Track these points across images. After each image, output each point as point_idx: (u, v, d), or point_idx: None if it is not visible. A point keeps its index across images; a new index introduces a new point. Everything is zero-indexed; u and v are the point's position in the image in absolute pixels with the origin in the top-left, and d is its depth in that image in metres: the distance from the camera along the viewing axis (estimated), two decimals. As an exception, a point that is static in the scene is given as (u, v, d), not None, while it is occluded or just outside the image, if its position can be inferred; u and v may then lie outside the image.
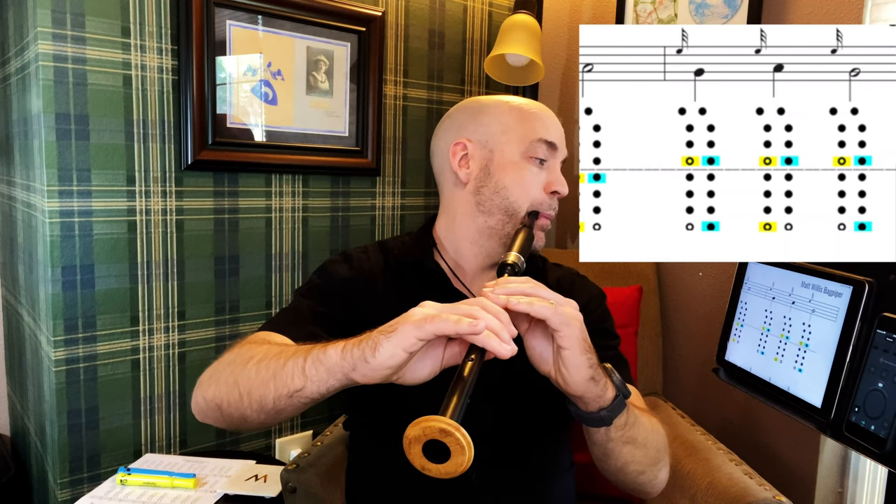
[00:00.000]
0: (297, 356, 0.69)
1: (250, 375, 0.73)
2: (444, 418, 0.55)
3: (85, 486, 1.31)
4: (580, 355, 0.69)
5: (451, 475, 0.56)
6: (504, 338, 0.61)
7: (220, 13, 1.38)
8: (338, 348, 0.66)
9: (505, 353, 0.60)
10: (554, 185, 0.92)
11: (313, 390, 0.67)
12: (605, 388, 0.73)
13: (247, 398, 0.73)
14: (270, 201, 1.52)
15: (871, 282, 0.72)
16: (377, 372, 0.62)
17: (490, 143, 0.94)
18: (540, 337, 0.72)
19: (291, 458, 1.11)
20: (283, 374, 0.69)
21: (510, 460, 0.89)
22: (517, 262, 0.78)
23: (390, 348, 0.61)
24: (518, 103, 0.96)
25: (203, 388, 0.79)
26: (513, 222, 0.92)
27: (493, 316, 0.62)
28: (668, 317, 1.68)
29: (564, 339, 0.68)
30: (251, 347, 0.78)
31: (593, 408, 0.73)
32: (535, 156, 0.92)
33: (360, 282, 0.93)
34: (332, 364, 0.65)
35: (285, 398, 0.69)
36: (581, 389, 0.70)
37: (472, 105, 0.98)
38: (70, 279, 1.26)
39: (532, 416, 0.91)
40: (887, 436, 0.66)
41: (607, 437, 0.76)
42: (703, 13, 1.53)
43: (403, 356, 0.61)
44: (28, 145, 1.33)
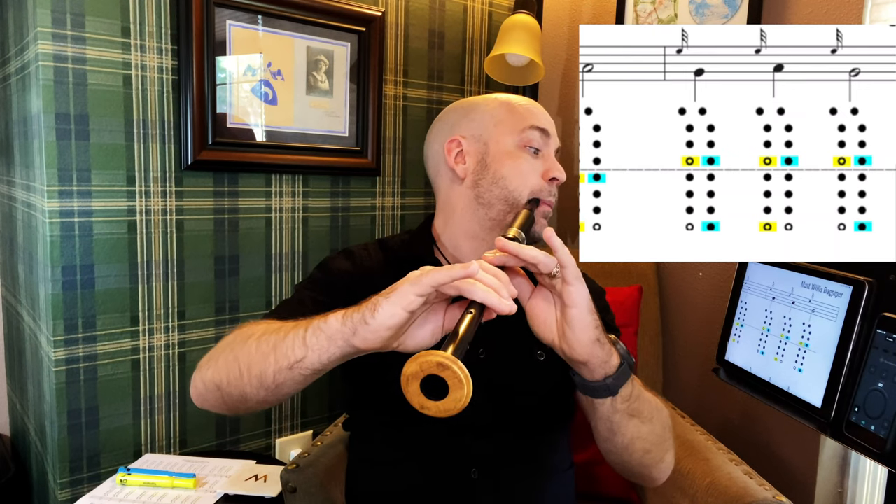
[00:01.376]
0: (298, 328, 0.69)
1: (251, 351, 0.72)
2: (441, 353, 0.54)
3: (85, 486, 1.31)
4: (587, 315, 0.69)
5: (449, 413, 0.55)
6: (503, 294, 0.61)
7: (220, 13, 1.38)
8: (338, 315, 0.66)
9: (504, 308, 0.60)
10: (552, 171, 0.93)
11: (314, 360, 0.67)
12: (611, 354, 0.73)
13: (247, 374, 0.72)
14: (270, 201, 1.52)
15: (871, 282, 0.72)
16: (377, 334, 0.62)
17: (484, 135, 0.94)
18: (543, 302, 0.72)
19: (291, 458, 1.11)
20: (283, 346, 0.69)
21: (510, 458, 0.89)
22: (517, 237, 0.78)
23: (389, 308, 0.60)
24: (506, 97, 0.98)
25: (202, 370, 0.79)
26: (514, 212, 0.92)
27: (492, 276, 0.62)
28: (668, 317, 1.68)
29: (571, 295, 0.68)
30: (251, 327, 0.78)
31: (598, 375, 0.73)
32: (529, 144, 0.93)
33: (361, 278, 0.93)
34: (333, 331, 0.65)
35: (285, 370, 0.68)
36: (587, 353, 0.70)
37: (461, 105, 1.00)
38: (70, 279, 1.26)
39: (532, 414, 0.91)
40: (887, 436, 0.66)
41: (613, 408, 0.76)
42: (703, 13, 1.53)
43: (403, 315, 0.61)
44: (28, 145, 1.33)
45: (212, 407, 0.80)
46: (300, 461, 1.07)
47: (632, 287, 1.55)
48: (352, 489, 0.99)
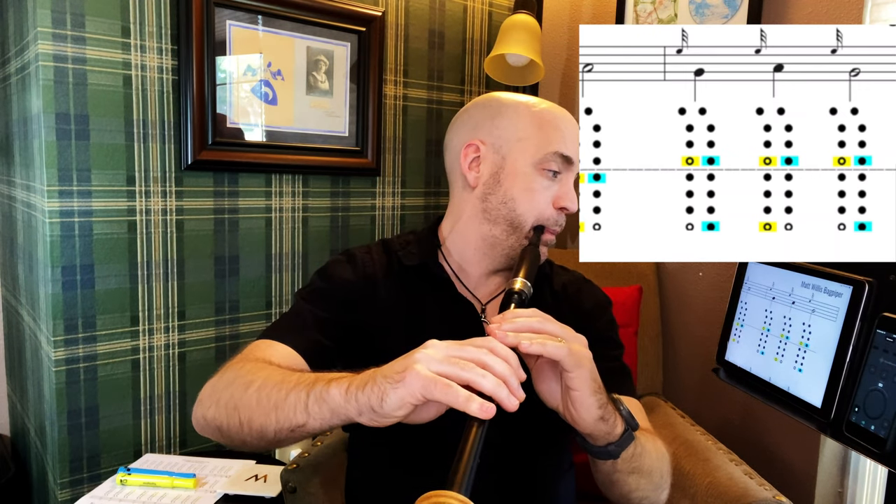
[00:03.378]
0: (299, 389, 0.68)
1: (251, 404, 0.72)
2: (454, 493, 0.54)
3: (85, 486, 1.31)
4: (590, 396, 0.68)
5: None
6: (513, 386, 0.60)
7: (220, 13, 1.38)
8: (341, 389, 0.64)
9: (512, 406, 0.59)
10: (563, 200, 0.88)
11: (315, 427, 0.67)
12: (615, 425, 0.72)
13: (247, 426, 0.72)
14: (270, 201, 1.52)
15: (871, 282, 0.72)
16: (386, 420, 0.62)
17: (504, 148, 0.90)
18: (548, 372, 0.71)
19: (291, 458, 1.11)
20: (284, 408, 0.68)
21: (510, 461, 0.89)
22: (524, 290, 0.76)
23: (397, 400, 0.60)
24: (539, 109, 0.90)
25: (203, 407, 0.78)
26: (516, 235, 0.89)
27: (503, 360, 0.61)
28: (668, 317, 1.68)
29: (574, 381, 0.67)
30: (252, 369, 0.76)
31: (601, 443, 0.73)
32: (548, 168, 0.88)
33: (363, 285, 0.92)
34: (336, 405, 0.64)
35: (286, 431, 0.69)
36: (590, 428, 0.70)
37: (490, 104, 0.93)
38: (70, 279, 1.26)
39: (532, 419, 0.91)
40: (887, 436, 0.66)
41: (613, 468, 0.76)
42: (703, 13, 1.53)
43: (410, 407, 0.60)
44: (28, 145, 1.33)
45: (213, 439, 0.80)
46: (300, 461, 1.07)
47: (632, 287, 1.55)
48: (351, 489, 0.99)
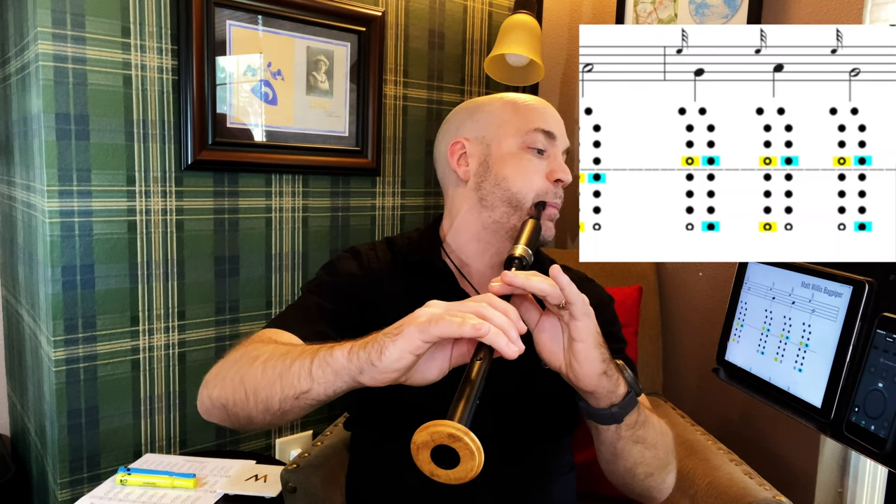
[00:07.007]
0: (304, 357, 0.68)
1: (256, 375, 0.72)
2: (452, 423, 0.53)
3: (85, 486, 1.31)
4: (594, 349, 0.68)
5: (460, 481, 0.55)
6: (512, 336, 0.60)
7: (220, 13, 1.38)
8: (344, 350, 0.65)
9: (512, 353, 0.59)
10: (556, 172, 0.90)
11: (320, 392, 0.67)
12: (618, 384, 0.72)
13: (252, 398, 0.72)
14: (270, 201, 1.52)
15: (871, 282, 0.72)
16: (385, 375, 0.61)
17: (487, 137, 0.93)
18: (550, 329, 0.71)
19: (291, 458, 1.11)
20: (289, 375, 0.68)
21: (512, 462, 0.89)
22: (524, 255, 0.76)
23: (396, 351, 0.60)
24: (513, 97, 0.95)
25: (209, 387, 0.79)
26: (518, 214, 0.90)
27: (501, 313, 0.61)
28: (668, 317, 1.68)
29: (580, 330, 0.67)
30: (257, 346, 0.77)
31: (604, 404, 0.73)
32: (532, 146, 0.90)
33: (368, 279, 0.93)
34: (339, 367, 0.65)
35: (291, 399, 0.68)
36: (593, 384, 0.70)
37: (468, 105, 0.98)
38: (70, 279, 1.26)
39: (535, 419, 0.91)
40: (887, 436, 0.66)
41: (617, 435, 0.76)
42: (703, 13, 1.53)
43: (410, 358, 0.60)
44: (28, 145, 1.33)
45: (219, 422, 0.80)
46: (300, 461, 1.07)
47: (632, 287, 1.55)
48: (352, 489, 0.99)
